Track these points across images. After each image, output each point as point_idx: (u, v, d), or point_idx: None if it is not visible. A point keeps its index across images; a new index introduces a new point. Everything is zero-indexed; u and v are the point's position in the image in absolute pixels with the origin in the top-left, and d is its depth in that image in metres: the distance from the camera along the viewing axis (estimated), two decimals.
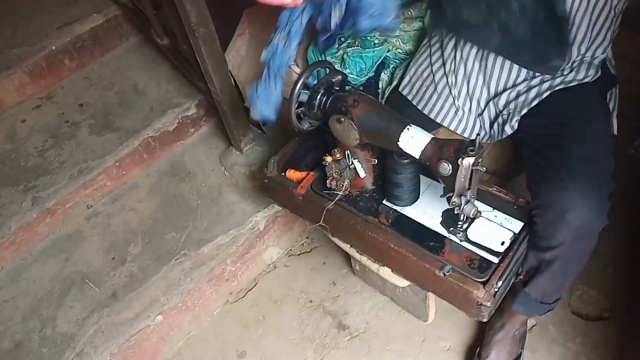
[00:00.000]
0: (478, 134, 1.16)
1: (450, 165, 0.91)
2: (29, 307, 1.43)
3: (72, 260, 1.51)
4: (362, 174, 1.13)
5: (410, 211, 1.12)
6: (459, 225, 1.05)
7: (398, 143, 0.98)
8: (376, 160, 1.12)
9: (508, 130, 1.14)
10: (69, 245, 1.53)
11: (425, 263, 1.03)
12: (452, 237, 1.06)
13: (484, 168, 0.90)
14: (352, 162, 1.12)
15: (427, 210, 1.11)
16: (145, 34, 1.81)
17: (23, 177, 1.56)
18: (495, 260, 1.02)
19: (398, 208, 1.13)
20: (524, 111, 1.12)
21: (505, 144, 1.26)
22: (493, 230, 1.06)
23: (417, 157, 0.97)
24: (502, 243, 1.04)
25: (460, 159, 0.89)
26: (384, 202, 1.14)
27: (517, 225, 1.07)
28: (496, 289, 0.99)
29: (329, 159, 1.13)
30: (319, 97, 1.08)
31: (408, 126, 0.98)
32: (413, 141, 0.97)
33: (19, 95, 1.75)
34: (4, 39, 1.77)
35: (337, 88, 1.10)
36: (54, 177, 1.55)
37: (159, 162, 1.65)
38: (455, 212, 1.01)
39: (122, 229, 1.54)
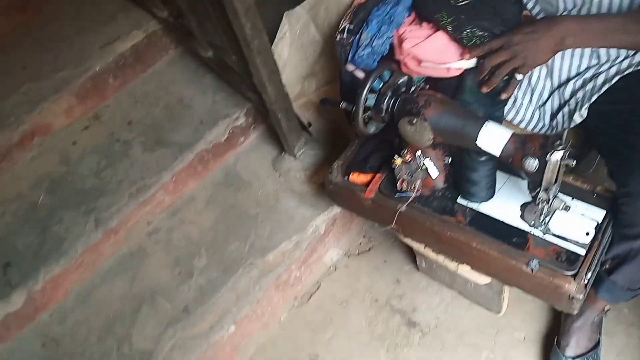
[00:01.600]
0: (553, 127, 1.14)
1: (537, 161, 0.90)
2: (103, 327, 1.45)
3: (138, 277, 1.52)
4: (434, 173, 1.12)
5: (487, 207, 1.11)
6: (541, 219, 1.04)
7: (476, 142, 0.97)
8: (449, 159, 1.11)
9: (577, 119, 1.12)
10: (133, 262, 1.55)
11: (510, 260, 1.03)
12: (534, 231, 1.05)
13: (573, 161, 0.89)
14: (424, 163, 1.11)
15: (505, 205, 1.10)
16: (185, 46, 1.81)
17: (83, 199, 1.57)
18: (582, 251, 1.01)
19: (474, 205, 1.12)
20: (594, 98, 1.09)
21: (572, 132, 1.24)
22: (575, 221, 1.05)
23: (498, 154, 0.96)
24: (587, 233, 1.03)
25: (548, 155, 0.88)
26: (458, 199, 1.13)
27: (599, 214, 1.05)
28: (586, 281, 0.99)
29: (398, 161, 1.13)
30: (386, 100, 1.07)
31: (486, 123, 0.97)
32: (492, 138, 0.96)
33: (68, 117, 1.75)
34: (48, 62, 1.77)
35: (404, 89, 1.10)
36: (114, 197, 1.55)
37: (213, 173, 1.66)
38: (540, 206, 0.99)
39: (185, 243, 1.55)
